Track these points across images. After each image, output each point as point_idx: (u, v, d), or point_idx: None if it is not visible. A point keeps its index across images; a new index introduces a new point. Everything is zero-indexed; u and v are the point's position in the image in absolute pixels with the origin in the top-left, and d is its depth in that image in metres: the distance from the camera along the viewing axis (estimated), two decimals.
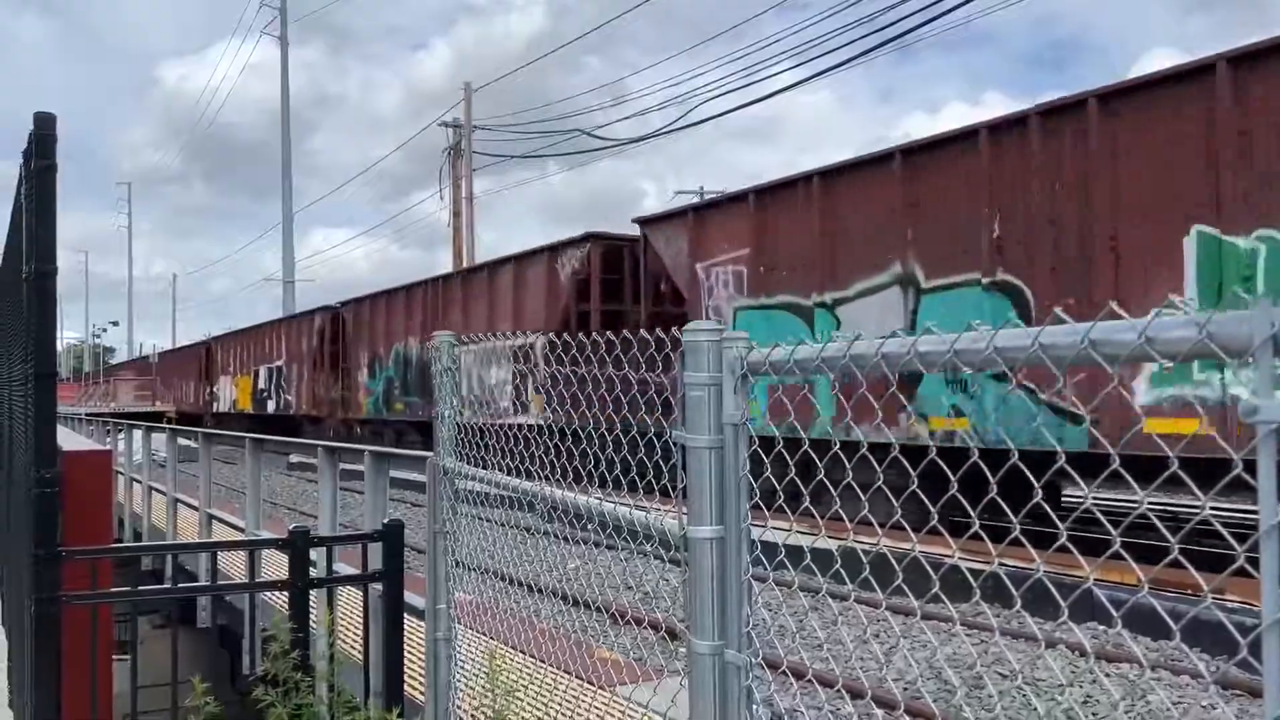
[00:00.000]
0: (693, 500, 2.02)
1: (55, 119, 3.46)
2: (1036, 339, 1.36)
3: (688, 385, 2.02)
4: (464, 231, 34.96)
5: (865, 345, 1.68)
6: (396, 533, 4.33)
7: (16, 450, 5.05)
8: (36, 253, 3.46)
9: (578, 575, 6.44)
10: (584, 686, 4.40)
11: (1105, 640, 8.01)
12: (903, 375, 1.67)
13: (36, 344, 3.56)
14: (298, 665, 3.95)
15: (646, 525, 2.33)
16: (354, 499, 15.22)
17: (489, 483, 3.48)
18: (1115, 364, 1.28)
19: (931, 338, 1.54)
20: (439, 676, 3.95)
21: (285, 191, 42.85)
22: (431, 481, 3.98)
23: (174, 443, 12.95)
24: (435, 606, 3.93)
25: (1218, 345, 1.15)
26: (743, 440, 1.97)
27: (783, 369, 1.87)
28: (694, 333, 2.02)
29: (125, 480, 15.29)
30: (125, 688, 4.46)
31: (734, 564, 1.99)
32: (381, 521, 4.71)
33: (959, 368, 1.49)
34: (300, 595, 4.08)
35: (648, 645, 6.99)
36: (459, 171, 35.68)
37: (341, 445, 6.91)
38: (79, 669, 3.71)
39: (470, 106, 35.49)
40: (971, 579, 1.73)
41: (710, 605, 1.99)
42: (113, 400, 51.64)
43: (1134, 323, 1.24)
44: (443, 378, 3.93)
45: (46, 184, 3.47)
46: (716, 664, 1.99)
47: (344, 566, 5.37)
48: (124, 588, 4.16)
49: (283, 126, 42.92)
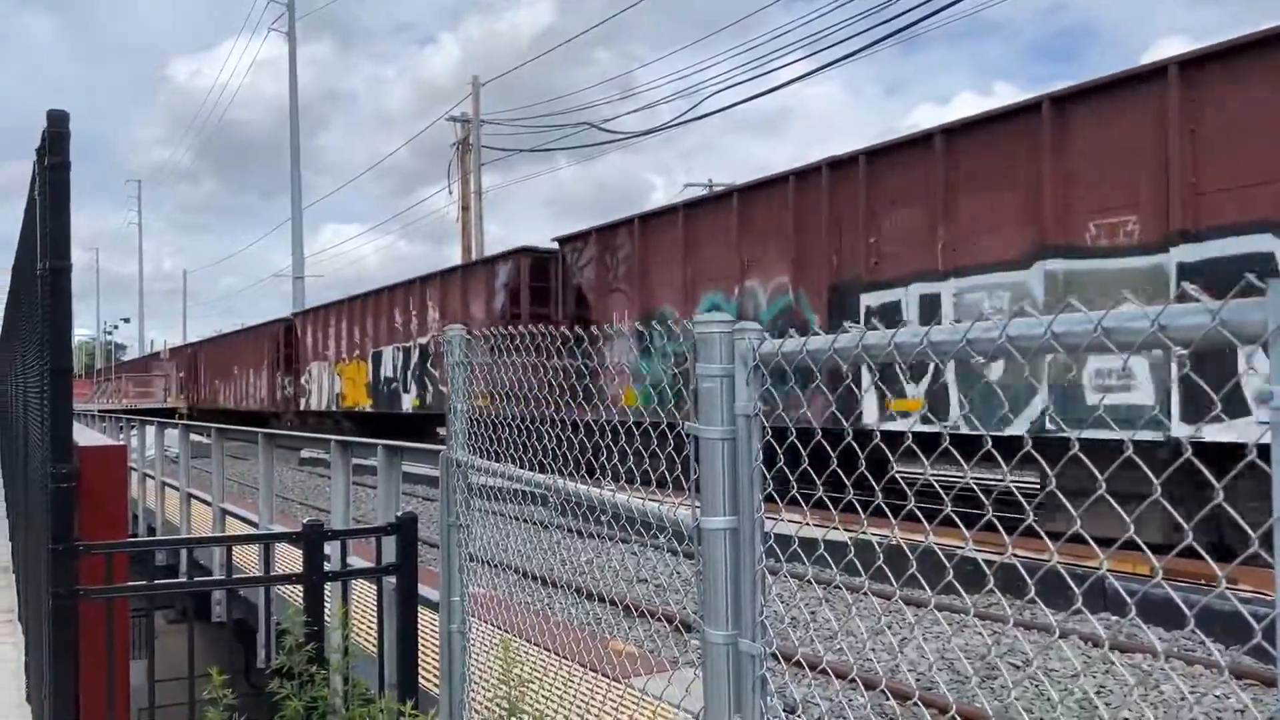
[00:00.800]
0: (706, 491, 2.03)
1: (68, 116, 3.48)
2: (1049, 327, 1.36)
3: (700, 377, 2.02)
4: (472, 226, 34.98)
5: (877, 336, 1.68)
6: (410, 526, 4.35)
7: (33, 446, 5.09)
8: (51, 249, 3.48)
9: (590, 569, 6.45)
10: (598, 678, 4.41)
11: (1118, 630, 8.00)
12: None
13: (52, 339, 3.58)
14: (313, 658, 3.97)
15: (659, 516, 2.34)
16: (365, 494, 15.27)
17: (502, 475, 3.49)
18: (1129, 351, 1.28)
19: (945, 327, 1.54)
20: (453, 668, 3.97)
21: (294, 187, 42.88)
22: (444, 474, 4.00)
23: (187, 438, 13.01)
24: (449, 598, 3.95)
25: (1231, 332, 1.15)
26: (755, 431, 1.98)
27: (795, 360, 1.87)
28: (706, 324, 2.02)
29: (139, 476, 15.36)
30: (140, 681, 4.50)
31: (747, 554, 1.99)
32: (395, 515, 4.74)
33: (971, 357, 1.49)
34: (315, 588, 4.11)
35: (661, 637, 7.00)
36: (467, 166, 35.68)
37: (354, 440, 6.94)
38: (96, 662, 3.74)
39: (478, 101, 35.47)
40: (986, 568, 1.74)
41: (724, 595, 2.00)
42: (125, 397, 51.73)
43: (1146, 310, 1.24)
44: (454, 371, 3.94)
45: (60, 181, 3.49)
46: (731, 653, 2.00)
47: (357, 560, 5.40)
48: (140, 582, 4.19)
49: (291, 123, 42.95)
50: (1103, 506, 1.47)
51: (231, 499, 11.20)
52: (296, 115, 42.94)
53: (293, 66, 43.24)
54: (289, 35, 43.46)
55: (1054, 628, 2.91)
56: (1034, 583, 1.55)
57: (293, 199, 42.83)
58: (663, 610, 7.98)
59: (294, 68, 43.22)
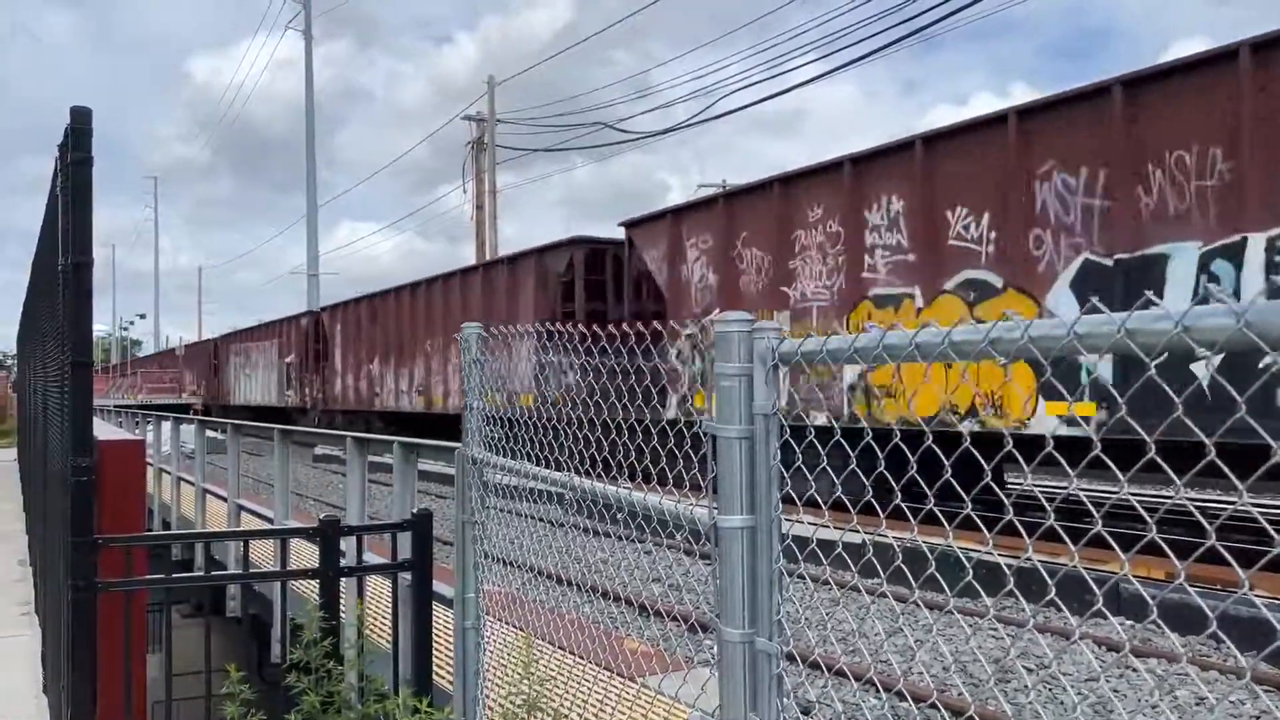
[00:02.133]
0: (723, 490, 2.03)
1: (91, 113, 3.51)
2: (1072, 329, 1.36)
3: (718, 375, 2.02)
4: (487, 225, 35.06)
5: (898, 336, 1.68)
6: (425, 522, 4.36)
7: (52, 440, 5.13)
8: (74, 244, 3.51)
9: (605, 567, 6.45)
10: (612, 676, 4.42)
11: (1134, 634, 7.97)
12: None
13: (73, 333, 3.61)
14: (328, 653, 3.99)
15: (676, 515, 2.34)
16: (380, 491, 15.32)
17: (518, 473, 3.50)
18: (1151, 354, 1.28)
19: (966, 327, 1.54)
20: (467, 665, 3.98)
21: (310, 186, 43.07)
22: (460, 471, 4.01)
23: (203, 434, 13.08)
24: (464, 595, 3.96)
25: (1256, 334, 1.14)
26: (773, 430, 1.98)
27: (814, 359, 1.87)
28: (725, 323, 2.02)
29: (154, 471, 15.46)
30: (157, 674, 4.52)
31: (765, 553, 2.00)
32: (410, 511, 4.75)
33: (994, 357, 1.49)
34: (330, 584, 4.13)
35: (676, 636, 7.00)
36: (482, 165, 35.76)
37: (370, 436, 6.96)
38: (113, 655, 3.77)
39: (494, 100, 35.55)
40: (1006, 570, 1.73)
41: (740, 593, 2.00)
42: (140, 392, 52.05)
43: (1169, 312, 1.24)
44: (470, 369, 3.96)
45: (83, 177, 3.52)
46: (747, 652, 2.00)
47: (372, 556, 5.42)
48: (158, 575, 4.22)
49: (307, 121, 43.14)
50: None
51: (246, 495, 11.25)
52: (312, 114, 43.14)
53: (309, 65, 43.45)
54: (305, 34, 43.66)
55: (1071, 631, 2.89)
56: (1053, 583, 1.55)
57: (308, 197, 43.02)
58: (678, 610, 7.98)
59: (310, 66, 43.43)
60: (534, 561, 4.03)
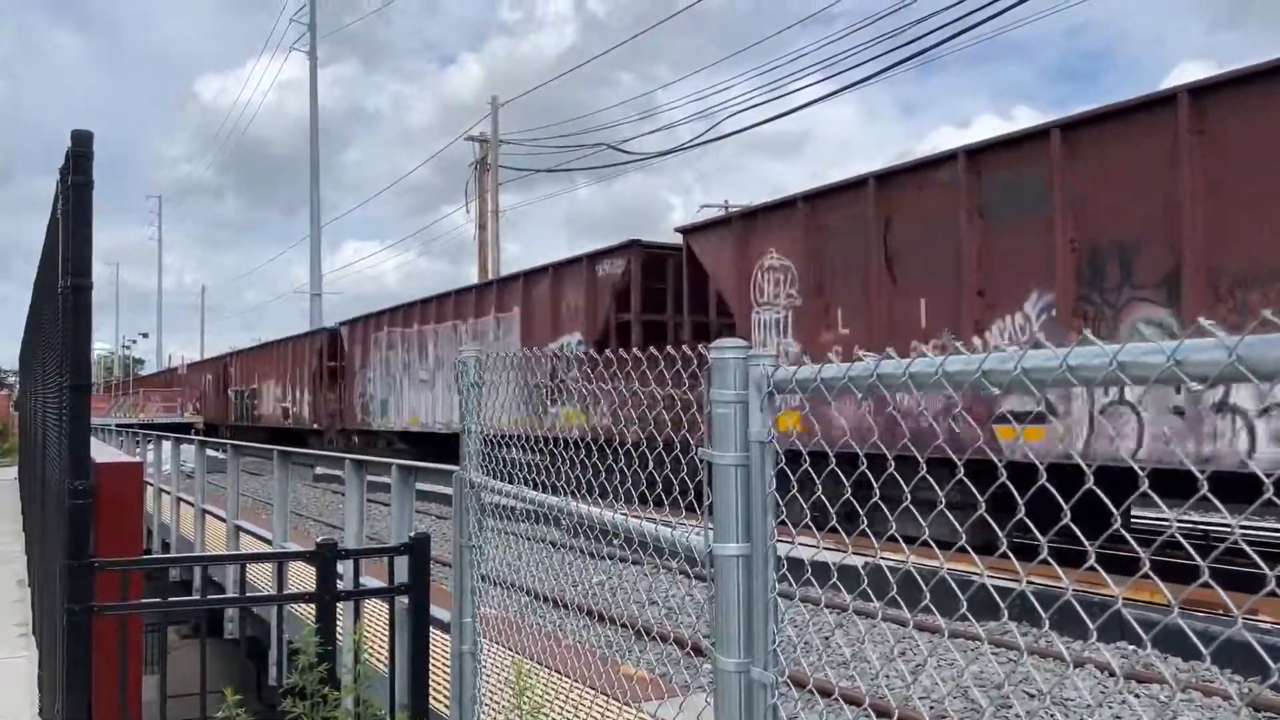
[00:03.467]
0: (719, 517, 2.02)
1: (92, 136, 3.52)
2: (1064, 360, 1.36)
3: (714, 402, 2.02)
4: (490, 245, 35.14)
5: (892, 365, 1.68)
6: (423, 546, 4.35)
7: (50, 461, 5.12)
8: (73, 267, 3.52)
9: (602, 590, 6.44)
10: (609, 703, 4.40)
11: (1135, 660, 7.93)
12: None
13: (71, 356, 3.62)
14: (324, 678, 3.97)
15: (672, 541, 2.34)
16: (378, 510, 15.30)
17: (515, 497, 3.49)
18: (1143, 386, 1.28)
19: (960, 358, 1.54)
20: (464, 690, 3.96)
21: (314, 206, 43.25)
22: (458, 495, 4.01)
23: (202, 454, 13.07)
24: (461, 619, 3.95)
25: (1248, 368, 1.14)
26: (769, 458, 1.98)
27: (809, 388, 1.87)
28: (721, 350, 2.03)
29: (154, 491, 15.44)
30: (152, 696, 4.50)
31: (760, 581, 1.99)
32: (408, 534, 4.74)
33: (986, 388, 1.49)
34: (327, 607, 4.11)
35: (672, 661, 6.97)
36: (485, 185, 35.88)
37: (368, 459, 6.96)
38: (109, 677, 3.75)
39: (496, 121, 35.70)
40: (999, 598, 1.73)
41: (736, 622, 1.99)
42: (142, 411, 52.14)
43: (1160, 345, 1.24)
44: (469, 393, 3.95)
45: (82, 200, 3.53)
46: (742, 681, 1.99)
47: (370, 579, 5.40)
48: (154, 599, 4.20)
49: (311, 142, 43.37)
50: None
51: (246, 515, 11.23)
52: (316, 135, 43.36)
53: (313, 86, 43.70)
54: (310, 56, 43.94)
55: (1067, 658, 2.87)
56: (1047, 616, 1.54)
57: (312, 217, 43.19)
58: (674, 634, 7.94)
59: (314, 87, 43.68)
60: (532, 585, 4.01)
